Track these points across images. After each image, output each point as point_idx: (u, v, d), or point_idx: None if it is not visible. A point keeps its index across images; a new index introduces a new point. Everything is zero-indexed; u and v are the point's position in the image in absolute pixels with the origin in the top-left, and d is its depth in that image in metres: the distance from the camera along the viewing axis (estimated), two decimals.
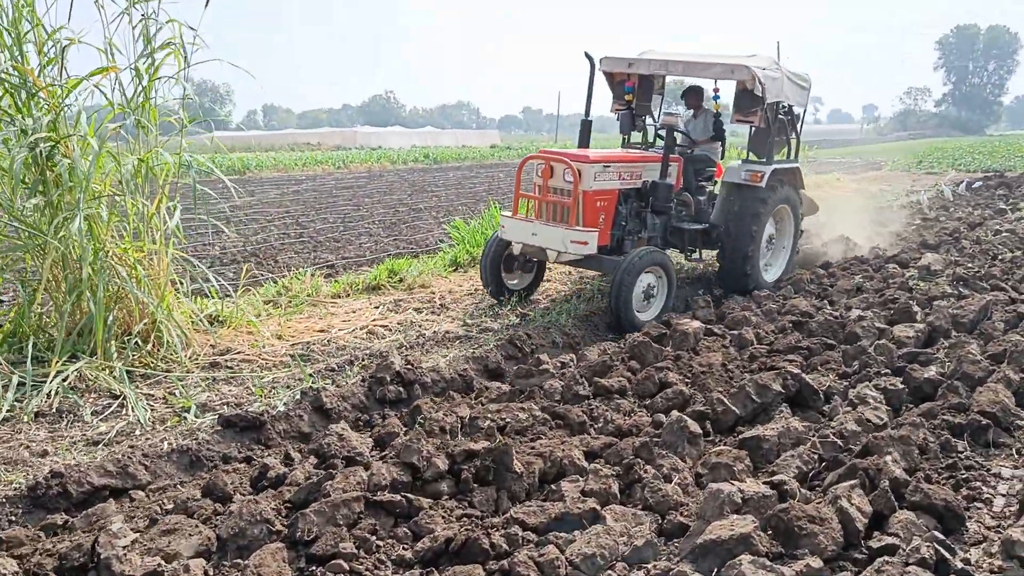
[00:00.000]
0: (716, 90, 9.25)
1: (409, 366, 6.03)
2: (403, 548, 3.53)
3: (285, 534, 3.53)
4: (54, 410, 5.29)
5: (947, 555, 3.29)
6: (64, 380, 5.57)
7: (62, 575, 3.26)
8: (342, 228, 14.81)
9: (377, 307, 8.25)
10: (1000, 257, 10.51)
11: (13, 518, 4.08)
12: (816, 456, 4.41)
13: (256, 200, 19.33)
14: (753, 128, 9.05)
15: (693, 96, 9.96)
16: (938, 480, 4.19)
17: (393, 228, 14.92)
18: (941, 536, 3.51)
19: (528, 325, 7.64)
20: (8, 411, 5.18)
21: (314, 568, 3.38)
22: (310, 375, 6.11)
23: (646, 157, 8.68)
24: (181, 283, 7.09)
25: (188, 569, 3.21)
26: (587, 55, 8.92)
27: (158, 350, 6.26)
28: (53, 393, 5.43)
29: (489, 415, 4.86)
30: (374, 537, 3.53)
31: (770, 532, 3.50)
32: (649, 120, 9.87)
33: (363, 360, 6.53)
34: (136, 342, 6.22)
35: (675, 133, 8.70)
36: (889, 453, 4.19)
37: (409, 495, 3.83)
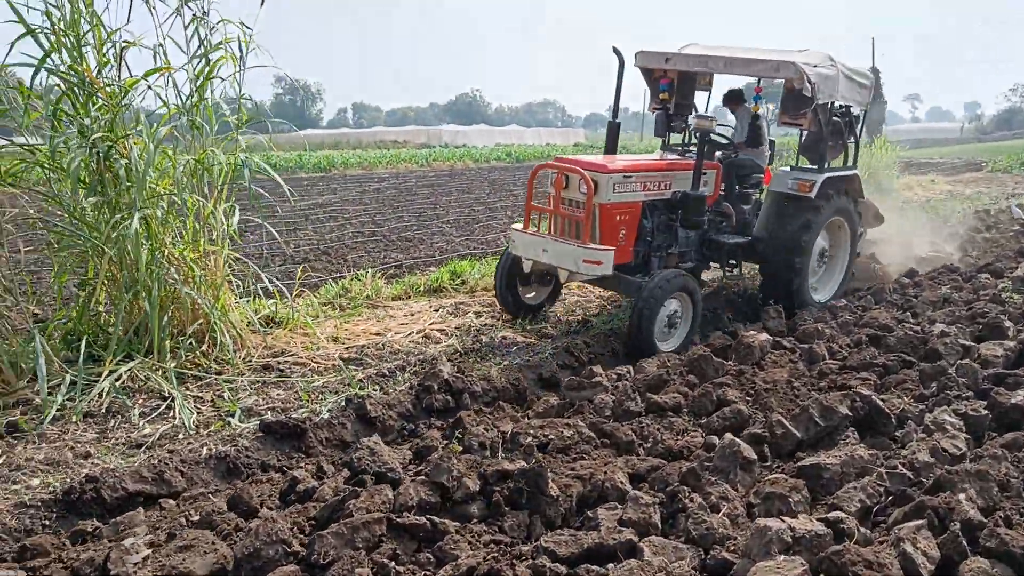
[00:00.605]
0: (758, 90, 8.40)
1: (458, 374, 5.87)
2: (424, 575, 3.35)
3: (302, 555, 3.39)
4: (103, 410, 5.30)
5: None
6: (116, 380, 5.59)
7: None
8: (416, 227, 14.79)
9: (437, 310, 8.12)
10: None
11: (46, 522, 4.06)
12: (882, 489, 4.05)
13: (337, 198, 19.55)
14: (803, 132, 8.38)
15: (735, 98, 9.14)
16: (1019, 523, 3.79)
17: (466, 228, 14.83)
18: None
19: (588, 332, 7.40)
20: (59, 410, 5.21)
21: None
22: (358, 382, 6.00)
23: (675, 164, 7.86)
24: (239, 284, 7.10)
25: None
26: (615, 50, 8.23)
27: (212, 351, 6.25)
28: (104, 393, 5.45)
29: (532, 431, 4.65)
30: (393, 563, 3.35)
31: None
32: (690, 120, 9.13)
33: (415, 366, 6.39)
34: (190, 342, 6.22)
35: (711, 137, 8.04)
36: (964, 490, 3.81)
37: (435, 518, 3.65)
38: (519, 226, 7.55)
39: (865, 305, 8.34)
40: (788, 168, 8.53)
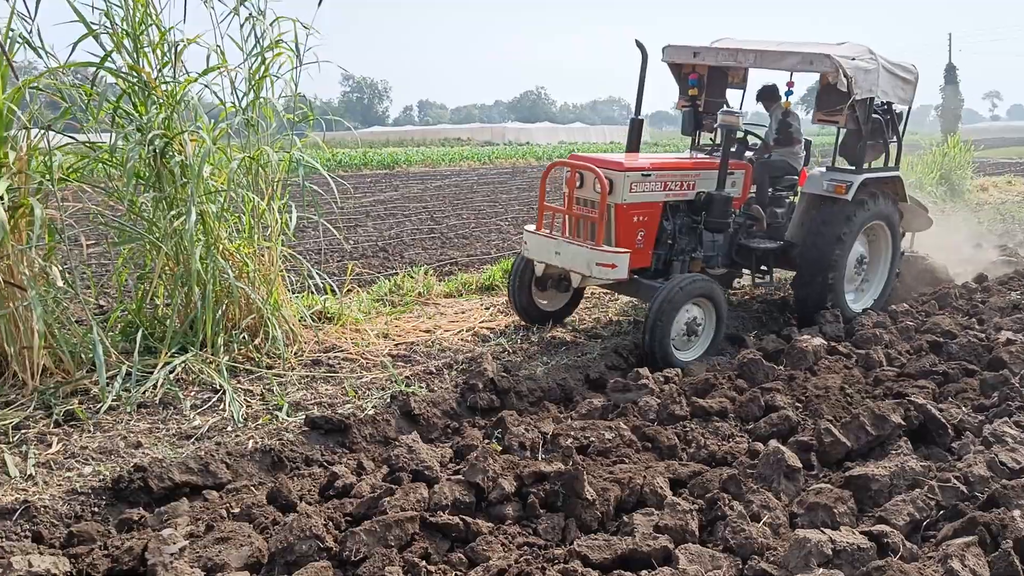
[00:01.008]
0: (790, 84, 7.96)
1: (504, 374, 5.86)
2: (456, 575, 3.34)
3: (335, 551, 3.42)
4: (156, 402, 5.43)
5: None
6: (171, 372, 5.72)
7: None
8: (474, 225, 14.84)
9: (488, 308, 8.13)
10: None
11: (95, 510, 4.17)
12: (933, 503, 3.91)
13: (398, 195, 19.76)
14: (841, 130, 7.91)
15: (769, 94, 8.57)
16: None
17: (524, 225, 14.83)
18: None
19: (638, 334, 7.31)
20: (114, 400, 5.35)
21: None
22: (404, 379, 6.03)
23: (700, 163, 7.44)
24: (293, 279, 7.21)
25: None
26: (638, 44, 7.81)
27: (264, 345, 6.36)
28: (158, 385, 5.59)
29: (573, 433, 4.61)
30: (424, 562, 3.35)
31: None
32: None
33: (462, 364, 6.40)
34: (243, 336, 6.33)
35: (742, 135, 7.69)
36: (1020, 506, 3.66)
37: (468, 518, 3.64)
38: (532, 227, 7.19)
39: (928, 310, 8.08)
40: (824, 169, 8.06)
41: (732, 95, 8.82)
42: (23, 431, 4.88)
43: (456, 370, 6.28)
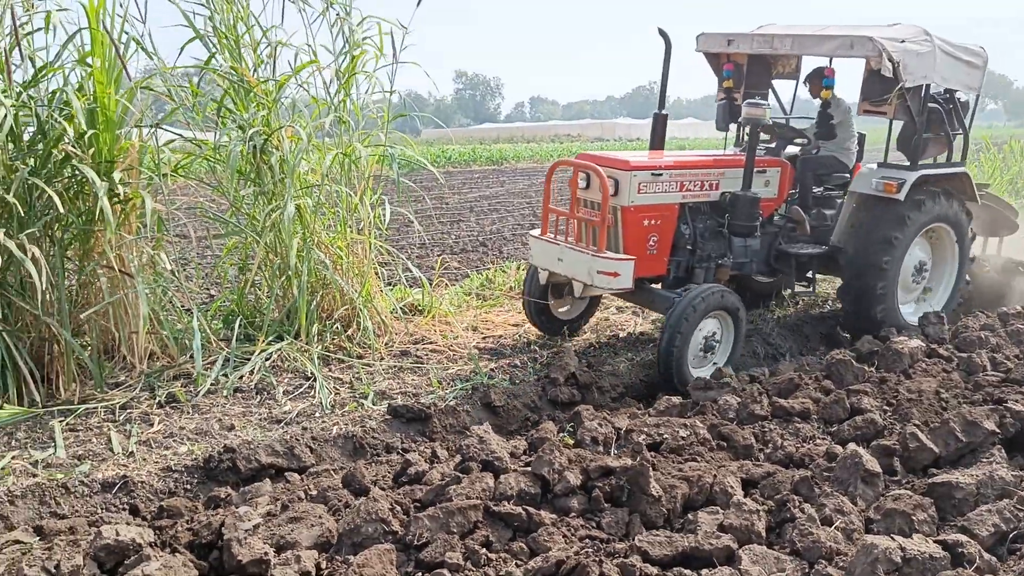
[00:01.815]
0: (829, 72, 7.16)
1: (586, 369, 5.89)
2: (515, 564, 3.39)
3: (400, 535, 3.53)
4: (252, 387, 5.69)
5: None
6: (266, 359, 6.00)
7: (192, 550, 3.46)
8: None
9: None
10: None
11: (187, 487, 4.43)
12: (1022, 515, 3.72)
13: (504, 191, 19.97)
14: (892, 122, 7.11)
15: (817, 81, 7.54)
16: None
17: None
18: None
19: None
20: (212, 385, 5.64)
21: (420, 573, 3.34)
22: (488, 371, 6.13)
23: (723, 161, 6.78)
24: (389, 272, 7.41)
25: (299, 560, 3.29)
26: (661, 32, 7.17)
27: (355, 336, 6.57)
28: (254, 371, 5.86)
29: (646, 429, 4.59)
30: (485, 549, 3.42)
31: None
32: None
33: (547, 357, 6.45)
34: (336, 326, 6.57)
35: (779, 128, 7.17)
36: None
37: (531, 508, 3.69)
38: (537, 231, 6.70)
39: None
40: (875, 165, 7.28)
41: (785, 86, 8.22)
42: (128, 411, 5.22)
43: (540, 363, 6.33)
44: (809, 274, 7.42)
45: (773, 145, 7.63)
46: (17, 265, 4.91)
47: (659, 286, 6.69)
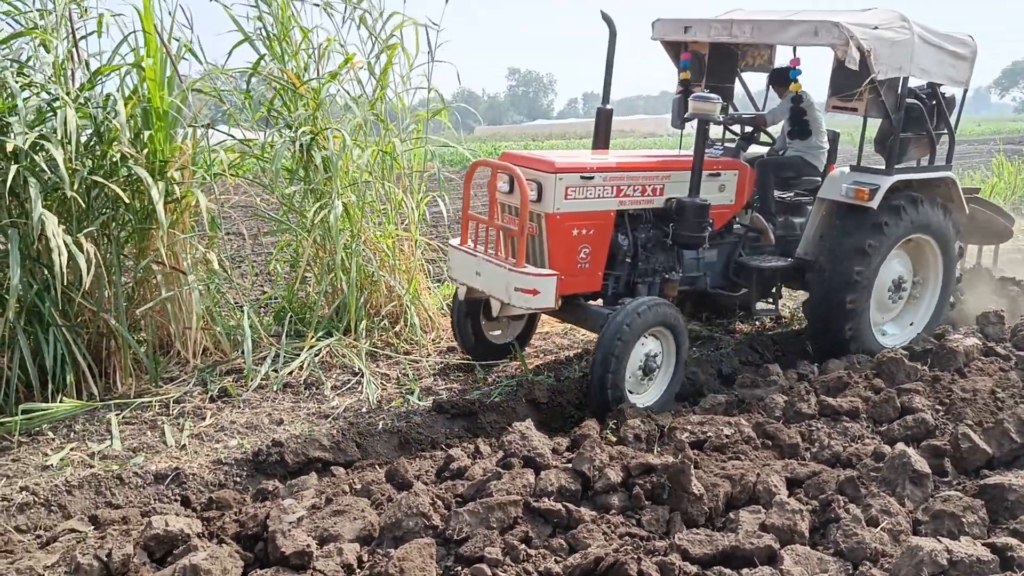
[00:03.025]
0: (794, 63, 6.40)
1: None
2: (554, 560, 3.40)
3: (440, 529, 3.56)
4: (301, 382, 5.80)
5: None
6: (316, 355, 6.10)
7: (238, 541, 3.54)
8: None
9: None
10: None
11: (237, 479, 4.54)
12: None
13: None
14: (867, 120, 6.28)
15: (780, 77, 6.87)
16: None
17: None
18: None
19: (778, 329, 7.10)
20: (262, 379, 5.76)
21: (459, 568, 3.37)
22: (533, 368, 6.15)
23: (669, 163, 5.96)
24: (437, 269, 7.48)
25: (341, 552, 3.35)
26: (604, 16, 6.30)
27: (403, 332, 6.65)
28: (304, 366, 5.97)
29: (690, 427, 4.56)
30: (524, 545, 3.44)
31: None
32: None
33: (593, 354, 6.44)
34: (384, 323, 6.65)
35: (755, 129, 6.49)
36: None
37: (571, 505, 3.69)
38: (457, 240, 5.91)
39: None
40: (847, 169, 6.49)
41: (758, 79, 7.45)
42: (181, 405, 5.36)
43: (586, 360, 6.32)
44: (775, 289, 6.66)
45: (731, 145, 6.90)
46: (76, 262, 5.08)
47: (601, 303, 5.97)
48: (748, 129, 6.76)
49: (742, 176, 6.34)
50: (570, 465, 3.99)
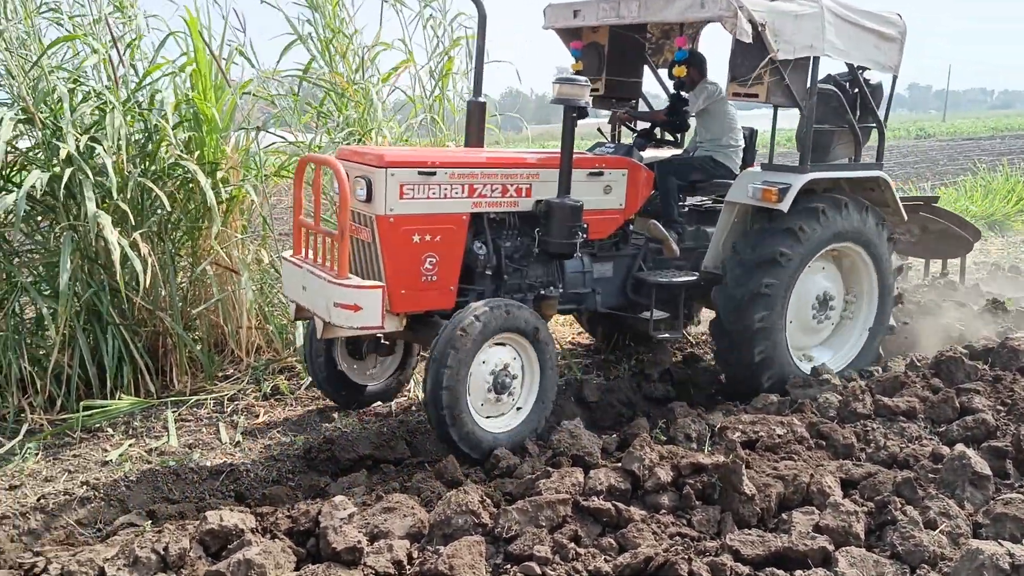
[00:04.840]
0: (681, 41, 5.75)
1: (681, 365, 5.82)
2: (604, 560, 3.38)
3: (489, 527, 3.57)
4: None
5: None
6: None
7: (290, 536, 3.59)
8: None
9: None
10: None
11: (289, 476, 4.59)
12: None
13: None
14: (775, 108, 5.48)
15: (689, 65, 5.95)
16: None
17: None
18: None
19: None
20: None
21: (508, 566, 3.36)
22: (583, 366, 6.13)
23: (536, 160, 5.08)
24: None
25: (391, 549, 3.37)
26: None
27: None
28: None
29: (741, 426, 4.50)
30: (573, 544, 3.42)
31: None
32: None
33: (644, 352, 6.40)
34: None
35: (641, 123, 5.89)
36: None
37: (620, 504, 3.67)
38: (290, 252, 5.11)
39: None
40: (758, 167, 5.73)
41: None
42: (236, 402, 5.46)
43: (635, 359, 6.29)
44: (684, 309, 5.73)
45: (628, 141, 6.17)
46: (132, 263, 5.20)
47: None
48: (645, 126, 6.23)
49: (633, 176, 5.43)
50: (620, 464, 3.97)
